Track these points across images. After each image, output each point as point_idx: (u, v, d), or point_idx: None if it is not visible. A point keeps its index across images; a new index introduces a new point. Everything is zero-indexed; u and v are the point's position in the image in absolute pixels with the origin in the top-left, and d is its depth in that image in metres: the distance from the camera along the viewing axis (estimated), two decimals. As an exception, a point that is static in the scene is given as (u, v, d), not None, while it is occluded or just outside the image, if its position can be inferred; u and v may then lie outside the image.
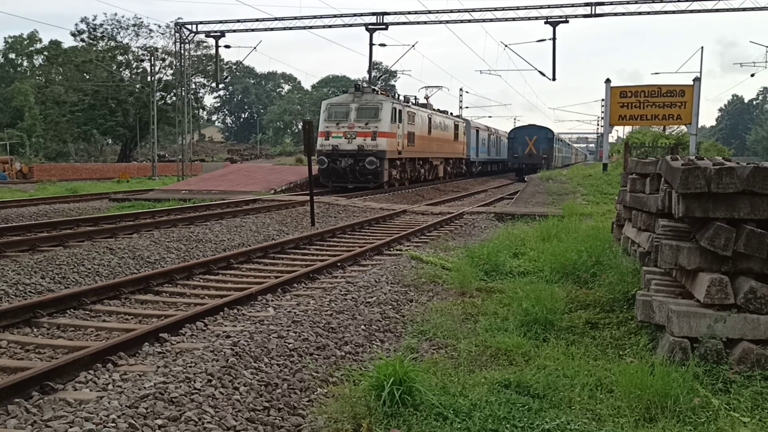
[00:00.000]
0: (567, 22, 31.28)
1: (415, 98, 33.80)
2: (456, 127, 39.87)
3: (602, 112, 50.62)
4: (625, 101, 28.68)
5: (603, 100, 38.77)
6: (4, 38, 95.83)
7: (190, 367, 4.89)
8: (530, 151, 47.70)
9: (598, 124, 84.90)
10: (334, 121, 26.89)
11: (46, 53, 74.40)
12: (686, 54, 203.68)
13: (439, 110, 37.26)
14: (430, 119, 33.61)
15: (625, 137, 45.95)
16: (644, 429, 4.03)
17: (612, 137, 40.82)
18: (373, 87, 27.88)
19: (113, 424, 3.87)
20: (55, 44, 72.37)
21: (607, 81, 29.15)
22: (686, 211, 5.31)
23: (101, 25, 68.18)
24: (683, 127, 32.34)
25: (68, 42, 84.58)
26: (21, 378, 4.78)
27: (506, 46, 36.15)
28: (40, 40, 77.57)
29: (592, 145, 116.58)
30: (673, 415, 4.15)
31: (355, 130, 26.44)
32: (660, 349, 5.17)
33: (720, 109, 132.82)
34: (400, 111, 28.21)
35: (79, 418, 3.99)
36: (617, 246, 9.18)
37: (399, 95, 32.28)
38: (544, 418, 4.21)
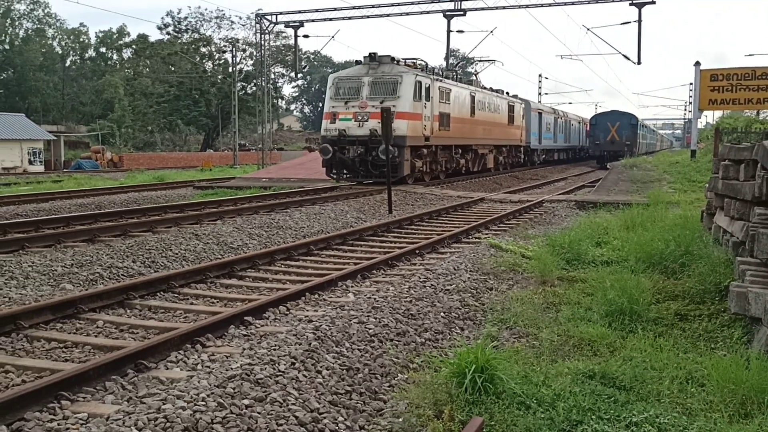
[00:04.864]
0: (654, 3, 30.02)
1: (455, 73, 28.20)
2: (511, 108, 32.93)
3: (690, 96, 48.62)
4: (715, 84, 27.37)
5: (691, 83, 37.18)
6: (95, 33, 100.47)
7: (274, 349, 5.01)
8: (612, 137, 46.26)
9: (685, 109, 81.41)
10: (343, 99, 21.44)
11: (134, 46, 77.60)
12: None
13: (491, 89, 31.07)
14: (473, 97, 27.11)
15: (714, 123, 43.91)
16: (739, 425, 3.86)
17: (700, 123, 38.97)
18: (392, 56, 22.35)
19: (203, 403, 4.01)
20: (142, 38, 75.44)
21: (697, 64, 27.89)
22: (786, 199, 5.04)
23: (185, 18, 70.70)
24: (778, 112, 30.60)
25: (155, 35, 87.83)
26: (117, 356, 5.02)
27: (588, 29, 34.91)
28: (129, 34, 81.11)
29: (679, 131, 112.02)
30: (770, 411, 3.96)
31: (368, 111, 20.69)
32: (756, 343, 4.94)
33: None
34: (428, 87, 22.26)
35: (172, 395, 4.15)
36: (707, 235, 8.80)
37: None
38: (631, 411, 4.10)
